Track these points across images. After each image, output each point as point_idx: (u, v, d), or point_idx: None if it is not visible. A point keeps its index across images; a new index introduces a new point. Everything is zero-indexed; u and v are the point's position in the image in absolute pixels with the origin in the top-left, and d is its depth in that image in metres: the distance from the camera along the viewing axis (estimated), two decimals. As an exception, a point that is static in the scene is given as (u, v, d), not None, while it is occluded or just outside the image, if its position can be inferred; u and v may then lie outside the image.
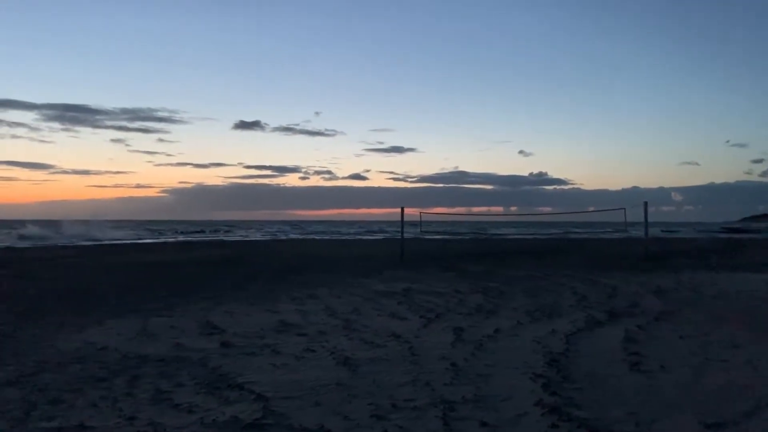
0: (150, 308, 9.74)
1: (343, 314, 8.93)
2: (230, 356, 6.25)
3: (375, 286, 12.72)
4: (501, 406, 4.51)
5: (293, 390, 4.95)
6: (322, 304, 9.98)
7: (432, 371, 5.52)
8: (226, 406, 4.55)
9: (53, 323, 8.40)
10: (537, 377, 5.25)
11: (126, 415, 4.33)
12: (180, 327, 8.03)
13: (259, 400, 4.66)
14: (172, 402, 4.66)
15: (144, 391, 4.98)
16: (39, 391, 5.02)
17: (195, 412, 4.42)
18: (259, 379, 5.27)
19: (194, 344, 6.88)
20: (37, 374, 5.61)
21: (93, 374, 5.58)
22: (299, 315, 8.92)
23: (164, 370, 5.71)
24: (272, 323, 8.20)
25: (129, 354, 6.41)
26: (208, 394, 4.88)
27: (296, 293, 11.51)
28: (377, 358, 6.06)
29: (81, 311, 9.52)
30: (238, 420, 4.19)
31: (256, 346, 6.73)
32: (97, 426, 4.11)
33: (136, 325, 8.22)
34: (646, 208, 20.90)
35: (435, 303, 10.03)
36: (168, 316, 8.98)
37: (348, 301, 10.33)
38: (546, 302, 10.05)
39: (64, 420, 4.25)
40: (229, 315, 8.99)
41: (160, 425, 4.10)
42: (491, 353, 6.28)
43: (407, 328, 7.76)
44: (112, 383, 5.25)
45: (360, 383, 5.16)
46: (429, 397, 4.72)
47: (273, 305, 9.95)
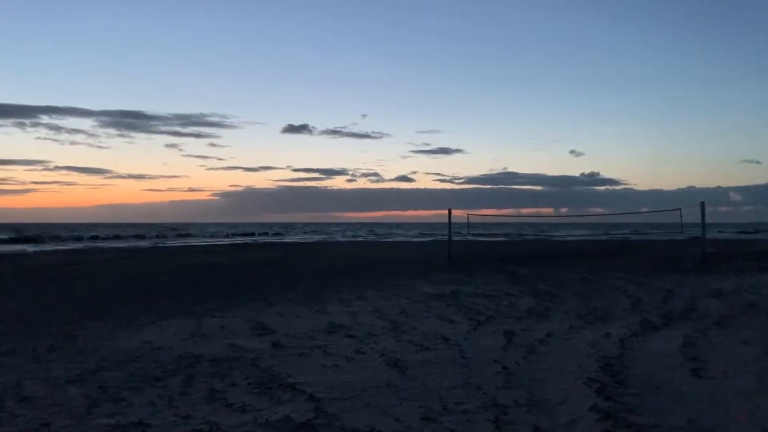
0: (203, 309, 9.96)
1: (392, 316, 8.93)
2: (281, 357, 6.33)
3: (423, 288, 12.68)
4: (554, 410, 4.43)
5: (344, 391, 4.98)
6: (370, 306, 10.01)
7: (483, 375, 5.46)
8: (279, 405, 4.61)
9: (113, 323, 8.68)
10: (591, 382, 5.13)
11: (182, 414, 4.43)
12: (232, 327, 8.17)
13: (311, 400, 4.70)
14: (225, 401, 4.75)
15: (198, 390, 5.08)
16: (100, 388, 5.19)
17: (248, 411, 4.49)
18: (310, 380, 5.32)
19: (246, 344, 7.00)
20: (98, 372, 5.79)
21: (150, 373, 5.73)
22: (348, 316, 8.96)
23: (217, 369, 5.82)
24: (322, 324, 8.26)
25: (184, 354, 6.56)
26: (261, 393, 4.95)
27: (344, 295, 11.58)
28: (427, 361, 6.03)
29: (138, 311, 9.81)
30: (291, 420, 4.23)
31: (306, 347, 6.79)
32: (155, 424, 4.22)
33: (190, 325, 8.41)
34: (703, 208, 20.22)
35: (484, 306, 9.93)
36: (220, 316, 9.16)
37: (396, 303, 10.33)
38: (599, 305, 9.82)
39: (123, 417, 4.38)
40: (280, 316, 9.11)
41: (214, 424, 4.18)
42: (543, 357, 6.17)
43: (456, 330, 7.70)
44: (168, 382, 5.38)
45: (410, 385, 5.15)
46: (480, 401, 4.66)
47: (322, 307, 10.03)
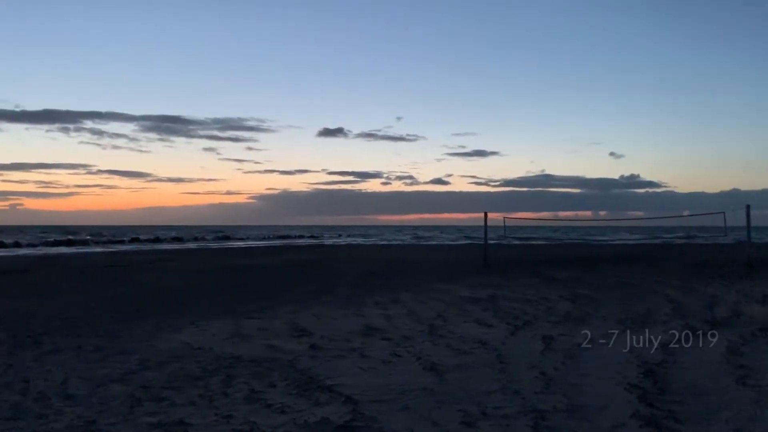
0: (241, 310, 10.09)
1: (428, 320, 8.90)
2: (319, 358, 6.37)
3: (459, 291, 12.62)
4: (595, 416, 4.36)
5: (381, 394, 4.98)
6: (406, 309, 10.01)
7: (521, 379, 5.41)
8: (317, 407, 4.64)
9: (154, 324, 8.86)
10: (632, 388, 5.03)
11: (222, 414, 4.50)
12: (270, 329, 8.26)
13: (349, 402, 4.72)
14: (265, 402, 4.80)
15: (238, 391, 5.15)
16: (142, 387, 5.30)
17: (287, 412, 4.53)
18: (347, 382, 5.34)
19: (284, 346, 7.06)
20: (140, 372, 5.92)
21: (190, 373, 5.83)
22: (384, 319, 8.97)
23: (256, 370, 5.89)
24: (358, 327, 8.29)
25: (223, 354, 6.66)
26: (299, 395, 4.99)
27: (380, 298, 11.59)
28: (464, 365, 6.00)
29: (178, 312, 10.00)
30: (329, 422, 4.26)
31: (343, 349, 6.82)
32: (196, 423, 4.29)
33: (228, 326, 8.53)
34: (748, 211, 19.66)
35: (522, 310, 9.83)
36: (258, 318, 9.26)
37: (432, 307, 10.30)
38: (639, 310, 9.63)
39: (165, 416, 4.46)
40: (316, 318, 9.17)
41: (254, 424, 4.23)
42: (582, 362, 6.08)
43: (494, 335, 7.64)
44: (208, 382, 5.47)
45: (448, 389, 5.13)
46: (519, 406, 4.62)
47: (358, 309, 10.07)
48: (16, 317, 9.65)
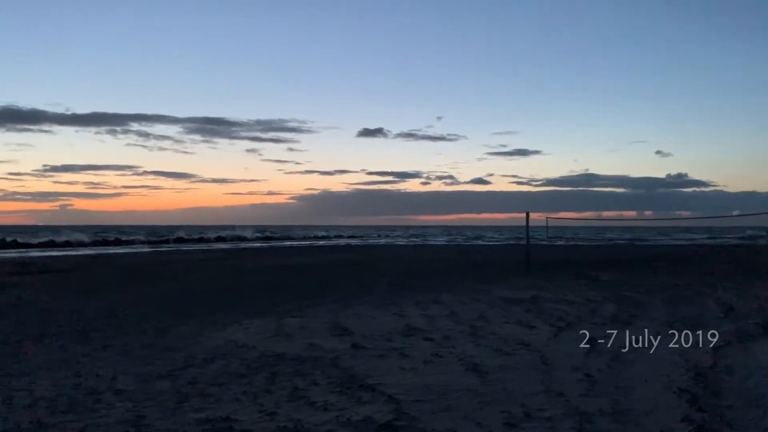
0: (283, 309, 10.20)
1: (469, 320, 8.85)
2: (360, 357, 6.40)
3: (500, 292, 12.51)
4: (642, 420, 4.26)
5: (423, 394, 4.97)
6: (447, 310, 9.96)
7: (565, 381, 5.33)
8: (359, 405, 4.66)
9: (199, 321, 9.04)
10: (681, 392, 4.91)
11: (267, 411, 4.56)
12: (311, 328, 8.33)
13: (391, 401, 4.73)
14: (308, 399, 4.85)
15: (282, 388, 5.21)
16: (188, 384, 5.41)
17: (330, 410, 4.56)
18: (389, 381, 5.35)
19: (326, 345, 7.11)
20: (186, 368, 6.04)
21: (235, 370, 5.92)
22: (425, 320, 8.95)
23: (299, 368, 5.95)
24: (399, 327, 8.29)
25: (266, 352, 6.75)
26: (342, 393, 5.02)
27: (420, 298, 11.57)
28: (507, 366, 5.94)
29: (222, 311, 10.17)
30: (372, 420, 4.27)
31: (384, 349, 6.83)
32: (242, 420, 4.36)
33: (271, 324, 8.64)
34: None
35: (565, 311, 9.69)
36: (300, 317, 9.35)
37: (473, 308, 10.23)
38: (688, 313, 9.38)
39: (211, 412, 4.55)
40: (357, 317, 9.21)
41: (298, 422, 4.28)
42: (629, 365, 5.96)
43: (536, 336, 7.55)
44: (252, 379, 5.55)
45: (490, 390, 5.09)
46: (563, 408, 4.55)
47: (398, 309, 10.07)
48: (67, 314, 9.96)
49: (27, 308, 10.70)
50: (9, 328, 8.53)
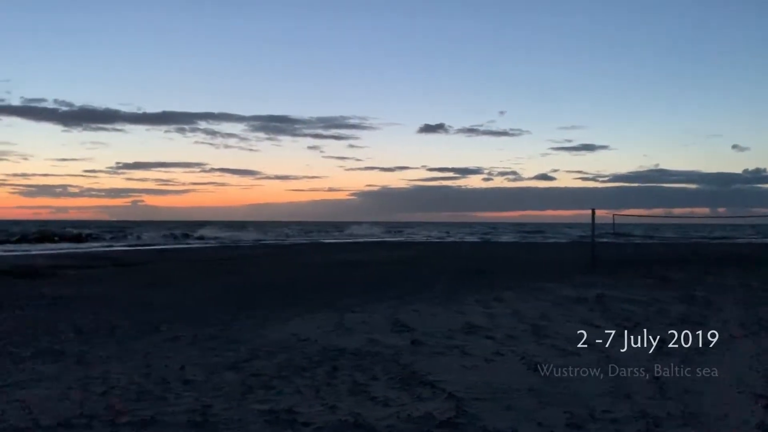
0: (343, 304, 10.31)
1: (531, 319, 8.70)
2: (420, 354, 6.39)
3: (564, 291, 12.25)
4: (715, 425, 4.09)
5: (484, 392, 4.93)
6: (508, 308, 9.83)
7: (632, 383, 5.17)
8: (419, 402, 4.66)
9: (262, 315, 9.24)
10: (757, 397, 4.68)
11: (328, 404, 4.62)
12: (371, 323, 8.39)
13: (451, 399, 4.71)
14: (369, 394, 4.88)
15: (342, 382, 5.27)
16: (253, 376, 5.54)
17: (390, 405, 4.58)
18: (449, 379, 5.32)
19: (386, 340, 7.14)
20: (251, 361, 6.19)
21: (297, 363, 6.03)
22: (486, 317, 8.86)
23: (359, 363, 6.00)
24: (459, 324, 8.24)
25: (328, 346, 6.83)
26: (402, 389, 5.03)
27: (481, 296, 11.46)
28: (570, 366, 5.81)
29: (284, 305, 10.37)
30: (432, 417, 4.26)
31: (444, 346, 6.80)
32: (304, 412, 4.43)
33: (332, 319, 8.75)
34: None
35: (632, 311, 9.39)
36: (360, 312, 9.42)
37: (535, 306, 10.06)
38: (765, 315, 8.93)
39: (275, 404, 4.64)
40: (417, 314, 9.20)
41: (359, 416, 4.31)
42: (699, 367, 5.72)
43: (601, 336, 7.35)
44: (314, 373, 5.63)
45: (553, 390, 4.99)
46: (630, 410, 4.42)
47: (458, 306, 10.01)
48: (137, 306, 10.38)
49: (100, 300, 11.20)
50: (84, 319, 8.95)
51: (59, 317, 9.13)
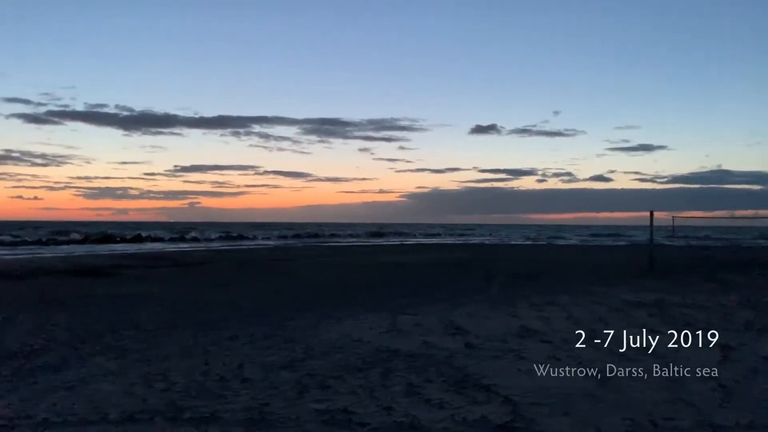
0: (396, 306, 10.32)
1: (588, 323, 8.51)
2: (475, 357, 6.34)
3: (621, 295, 11.94)
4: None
5: (541, 396, 4.85)
6: (563, 312, 9.65)
7: (695, 391, 4.99)
8: (475, 405, 4.62)
9: (315, 315, 9.34)
10: (833, 410, 4.45)
11: (383, 405, 4.63)
12: (424, 325, 8.36)
13: (507, 403, 4.65)
14: (423, 396, 4.87)
15: (397, 384, 5.27)
16: (308, 375, 5.61)
17: (446, 408, 4.56)
18: (505, 383, 5.26)
19: (440, 343, 7.11)
20: (305, 360, 6.27)
21: (351, 364, 6.07)
22: (540, 321, 8.72)
23: (413, 365, 5.99)
24: (514, 328, 8.13)
25: (381, 347, 6.85)
26: (456, 392, 5.00)
27: (535, 299, 11.28)
28: (630, 372, 5.66)
29: (337, 305, 10.46)
30: (488, 420, 4.22)
31: (499, 350, 6.73)
32: (359, 412, 4.46)
33: (384, 320, 8.77)
34: None
35: (694, 317, 9.08)
36: (412, 314, 9.41)
37: (592, 310, 9.84)
38: (838, 322, 8.49)
39: (330, 404, 4.69)
40: (470, 317, 9.13)
41: (415, 417, 4.31)
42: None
43: (662, 342, 7.12)
44: (368, 373, 5.66)
45: (612, 396, 4.87)
46: (694, 419, 4.27)
47: (512, 310, 9.88)
48: (195, 305, 10.65)
49: (160, 299, 11.55)
50: (146, 318, 9.25)
51: (121, 315, 9.47)
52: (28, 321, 8.87)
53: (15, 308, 10.14)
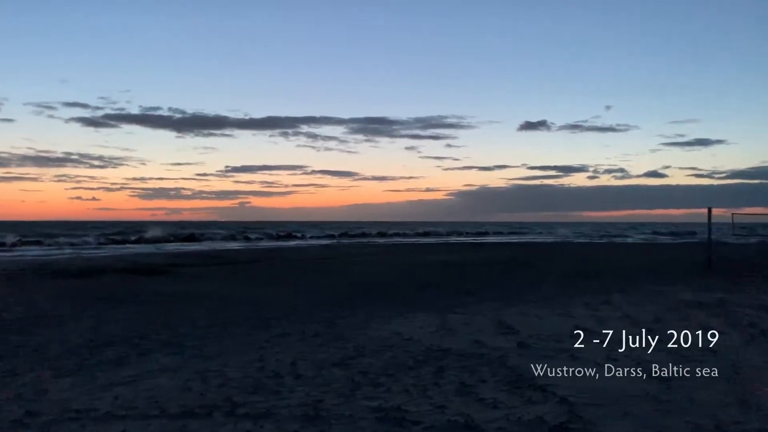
0: (444, 305, 10.26)
1: (645, 323, 8.26)
2: (528, 357, 6.24)
3: (679, 294, 11.57)
4: None
5: (598, 397, 4.73)
6: (619, 312, 9.41)
7: (763, 394, 4.79)
8: (530, 405, 4.55)
9: (365, 313, 9.38)
10: None
11: (436, 404, 4.61)
12: (475, 324, 8.28)
13: (563, 403, 4.56)
14: (476, 396, 4.82)
15: (449, 383, 5.24)
16: (360, 373, 5.63)
17: (500, 408, 4.50)
18: (560, 383, 5.16)
19: (491, 342, 7.03)
20: (357, 358, 6.29)
21: (402, 362, 6.06)
22: (595, 321, 8.52)
23: (465, 364, 5.94)
24: (567, 327, 7.96)
25: (432, 346, 6.82)
26: (510, 392, 4.93)
27: (588, 298, 11.05)
28: (691, 374, 5.47)
29: (385, 304, 10.47)
30: (544, 421, 4.15)
31: (552, 350, 6.60)
32: (413, 411, 4.44)
33: (434, 319, 8.72)
34: None
35: (758, 317, 8.72)
36: (462, 313, 9.34)
37: (649, 310, 9.56)
38: None
39: (383, 401, 4.69)
40: (522, 316, 9.00)
41: (469, 417, 4.27)
42: (842, 381, 5.21)
43: (725, 343, 6.86)
44: (419, 372, 5.64)
45: (673, 398, 4.72)
46: (762, 423, 4.10)
47: (565, 309, 9.68)
48: (248, 303, 10.84)
49: (214, 297, 11.80)
50: (200, 315, 9.46)
51: (177, 312, 9.72)
52: (90, 318, 9.19)
53: (78, 305, 10.53)
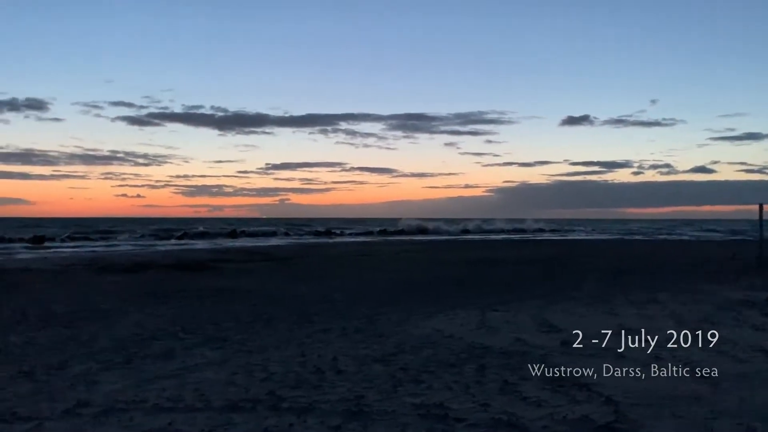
0: (486, 302, 10.19)
1: (693, 322, 8.06)
2: (572, 355, 6.15)
3: (729, 293, 11.23)
4: None
5: (644, 397, 4.64)
6: (666, 310, 9.19)
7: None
8: (575, 404, 4.48)
9: (406, 310, 9.38)
10: None
11: (479, 401, 4.58)
12: (516, 322, 8.20)
13: (609, 403, 4.48)
14: (520, 394, 4.77)
15: (492, 381, 5.20)
16: (401, 369, 5.63)
17: (544, 406, 4.45)
18: (605, 382, 5.07)
19: (533, 340, 6.95)
20: (397, 355, 6.29)
21: (444, 359, 6.04)
22: (640, 320, 8.34)
23: (508, 362, 5.89)
24: (612, 326, 7.81)
25: (473, 344, 6.78)
26: (554, 391, 4.87)
27: (634, 296, 10.83)
28: (742, 374, 5.31)
29: (426, 301, 10.45)
30: (589, 420, 4.08)
31: (597, 348, 6.49)
32: (455, 408, 4.43)
33: (475, 317, 8.67)
34: None
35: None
36: (503, 311, 9.25)
37: (696, 309, 9.31)
38: None
39: (426, 398, 4.68)
40: (565, 314, 8.87)
41: (513, 415, 4.23)
42: None
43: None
44: (461, 369, 5.61)
45: (723, 399, 4.59)
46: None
47: (609, 308, 9.51)
48: (289, 299, 10.96)
49: (256, 292, 11.96)
50: (243, 310, 9.60)
51: (220, 307, 9.89)
52: (136, 312, 9.42)
53: (124, 300, 10.82)
